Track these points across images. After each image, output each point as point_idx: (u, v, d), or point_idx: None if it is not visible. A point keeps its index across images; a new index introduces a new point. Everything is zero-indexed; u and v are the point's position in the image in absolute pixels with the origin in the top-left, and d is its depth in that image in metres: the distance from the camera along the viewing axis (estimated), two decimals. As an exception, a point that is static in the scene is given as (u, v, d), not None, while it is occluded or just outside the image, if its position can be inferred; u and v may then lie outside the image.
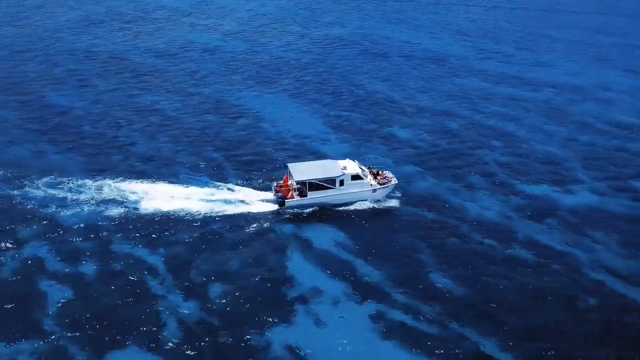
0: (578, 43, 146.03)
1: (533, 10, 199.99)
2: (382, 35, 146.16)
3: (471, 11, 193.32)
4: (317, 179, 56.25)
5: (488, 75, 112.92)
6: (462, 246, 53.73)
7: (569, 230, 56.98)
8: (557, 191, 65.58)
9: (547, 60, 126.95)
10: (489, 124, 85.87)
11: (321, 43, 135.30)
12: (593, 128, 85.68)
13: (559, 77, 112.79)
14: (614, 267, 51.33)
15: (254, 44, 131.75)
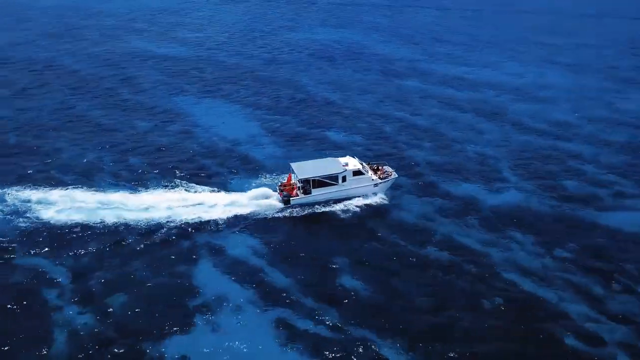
0: (526, 43, 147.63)
1: (484, 12, 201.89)
2: (331, 39, 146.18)
3: (423, 14, 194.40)
4: (320, 176, 57.43)
5: (432, 77, 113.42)
6: (378, 248, 52.95)
7: (489, 230, 56.63)
8: (482, 191, 65.28)
9: (493, 61, 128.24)
10: (425, 126, 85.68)
11: (268, 48, 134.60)
12: (528, 127, 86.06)
13: (502, 78, 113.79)
14: (527, 266, 50.92)
15: (199, 50, 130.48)
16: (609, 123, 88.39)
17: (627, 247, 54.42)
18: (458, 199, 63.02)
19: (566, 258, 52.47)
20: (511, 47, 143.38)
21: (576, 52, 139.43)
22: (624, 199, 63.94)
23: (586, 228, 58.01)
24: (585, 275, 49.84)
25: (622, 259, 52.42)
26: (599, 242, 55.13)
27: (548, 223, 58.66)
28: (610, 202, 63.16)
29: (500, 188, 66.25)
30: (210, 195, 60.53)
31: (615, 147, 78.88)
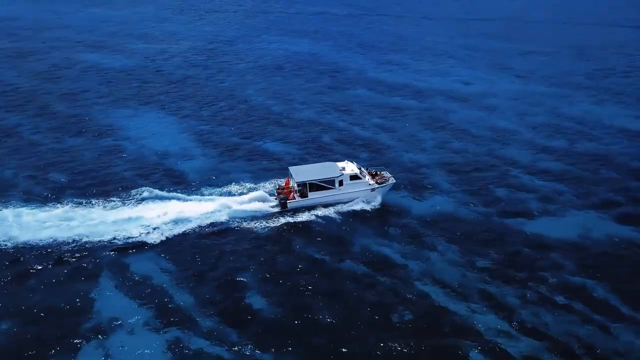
0: (478, 50, 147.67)
1: (437, 20, 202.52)
2: (284, 49, 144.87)
3: (380, 23, 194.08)
4: (316, 180, 57.75)
5: (380, 85, 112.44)
6: (291, 262, 50.88)
7: (411, 240, 55.17)
8: (410, 199, 63.93)
9: (444, 68, 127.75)
10: (364, 135, 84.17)
11: (217, 58, 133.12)
12: (468, 134, 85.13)
13: (451, 85, 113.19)
14: (443, 277, 49.43)
15: (146, 62, 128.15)
16: (550, 129, 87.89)
17: (549, 255, 53.25)
18: (384, 207, 61.00)
19: (486, 268, 50.99)
20: (464, 55, 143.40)
21: (527, 58, 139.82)
22: (553, 205, 63.06)
23: (512, 236, 56.70)
24: (502, 285, 48.39)
25: (542, 267, 51.28)
26: (521, 251, 53.96)
27: (474, 232, 57.28)
28: (540, 210, 62.14)
29: (429, 196, 64.82)
30: (125, 210, 58.13)
31: (553, 153, 78.17)
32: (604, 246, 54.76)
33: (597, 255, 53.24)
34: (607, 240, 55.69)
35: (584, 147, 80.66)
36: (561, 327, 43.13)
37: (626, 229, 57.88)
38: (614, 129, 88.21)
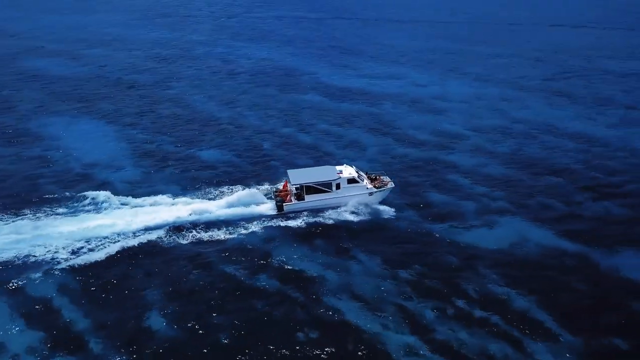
0: (437, 53, 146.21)
1: (404, 23, 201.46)
2: (239, 54, 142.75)
3: (344, 26, 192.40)
4: (313, 183, 57.30)
5: (333, 90, 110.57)
6: (201, 278, 48.09)
7: (336, 252, 52.88)
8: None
9: (399, 72, 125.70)
10: (307, 142, 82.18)
11: (169, 64, 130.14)
12: (414, 140, 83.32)
13: (405, 89, 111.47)
14: (361, 291, 47.05)
15: (93, 68, 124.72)
16: (497, 133, 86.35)
17: (477, 265, 51.11)
18: (312, 218, 58.50)
19: (408, 280, 48.61)
20: (422, 58, 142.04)
21: (487, 61, 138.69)
22: (489, 213, 60.82)
23: (441, 246, 54.49)
24: (421, 299, 46.06)
25: (467, 278, 49.13)
26: (449, 261, 51.75)
27: (402, 241, 55.05)
28: (474, 217, 60.04)
29: (362, 205, 61.98)
30: (47, 222, 55.48)
31: (496, 158, 76.44)
32: (535, 256, 52.83)
33: (526, 266, 51.22)
34: (539, 251, 53.73)
35: (529, 151, 79.02)
36: (476, 345, 40.68)
37: (559, 239, 55.93)
38: (562, 132, 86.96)
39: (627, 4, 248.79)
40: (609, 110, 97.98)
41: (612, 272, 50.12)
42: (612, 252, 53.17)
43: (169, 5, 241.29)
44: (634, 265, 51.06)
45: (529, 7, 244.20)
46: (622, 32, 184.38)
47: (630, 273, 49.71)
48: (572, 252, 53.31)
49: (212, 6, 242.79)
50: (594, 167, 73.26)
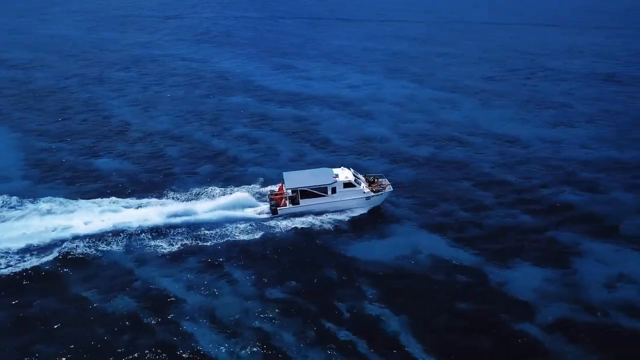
0: (382, 54, 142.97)
1: (357, 22, 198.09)
2: (174, 55, 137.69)
3: (292, 25, 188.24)
4: (308, 187, 55.94)
5: (262, 92, 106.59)
6: (49, 306, 43.50)
7: (206, 269, 49.11)
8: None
9: (337, 73, 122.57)
10: (218, 147, 78.01)
11: (96, 66, 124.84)
12: (330, 144, 79.91)
13: (338, 91, 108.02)
14: (220, 314, 43.41)
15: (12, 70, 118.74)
16: (422, 136, 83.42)
17: (357, 281, 48.03)
18: (190, 231, 54.37)
19: (277, 300, 44.67)
20: (365, 59, 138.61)
21: (432, 61, 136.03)
22: (388, 223, 57.67)
23: (327, 259, 51.04)
24: (285, 321, 42.05)
25: (344, 296, 45.80)
26: (329, 277, 48.32)
27: (281, 256, 51.23)
28: (370, 228, 56.54)
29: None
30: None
31: (412, 161, 73.55)
32: (424, 270, 49.65)
33: (412, 282, 47.98)
34: (430, 263, 50.57)
35: (447, 155, 76.11)
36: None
37: (455, 251, 52.82)
38: (488, 134, 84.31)
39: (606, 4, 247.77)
40: (544, 112, 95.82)
41: (499, 288, 47.28)
42: (505, 266, 50.34)
43: (115, 6, 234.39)
44: (522, 281, 48.14)
45: (496, 6, 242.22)
46: (586, 31, 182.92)
47: (516, 290, 46.88)
48: (465, 265, 50.37)
49: (162, 6, 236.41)
50: (512, 170, 70.76)
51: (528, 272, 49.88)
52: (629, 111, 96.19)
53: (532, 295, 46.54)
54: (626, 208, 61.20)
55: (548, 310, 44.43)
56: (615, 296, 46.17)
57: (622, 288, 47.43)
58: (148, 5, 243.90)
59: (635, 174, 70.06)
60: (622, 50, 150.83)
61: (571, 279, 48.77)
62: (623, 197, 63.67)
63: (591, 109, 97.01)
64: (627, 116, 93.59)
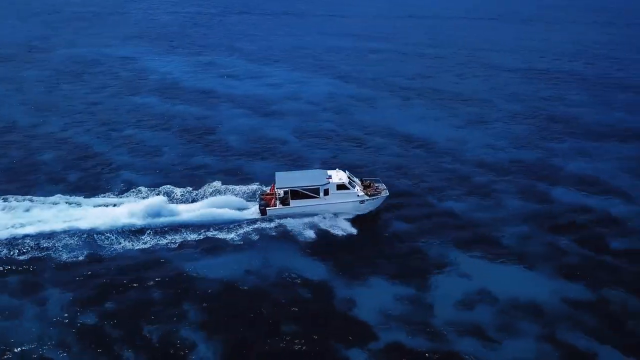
0: (316, 50, 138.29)
1: (308, 17, 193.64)
2: (98, 53, 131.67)
3: (236, 21, 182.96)
4: (299, 187, 53.33)
5: (176, 91, 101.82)
6: None
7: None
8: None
9: (265, 71, 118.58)
10: (97, 150, 72.81)
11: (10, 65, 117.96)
12: (222, 147, 74.98)
13: (259, 90, 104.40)
14: (40, 333, 37.09)
15: None
16: (324, 138, 78.79)
17: (182, 302, 42.49)
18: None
19: (85, 325, 39.30)
20: (298, 55, 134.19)
21: (364, 58, 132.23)
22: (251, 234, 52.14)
23: (162, 274, 45.50)
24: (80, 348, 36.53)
25: (152, 320, 40.20)
26: (149, 299, 42.66)
27: (147, 268, 46.45)
28: (228, 241, 51.16)
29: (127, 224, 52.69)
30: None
31: (298, 165, 67.75)
32: (260, 288, 44.75)
33: (244, 299, 43.05)
34: (272, 280, 45.82)
35: (343, 157, 71.98)
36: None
37: (307, 263, 48.29)
38: (395, 135, 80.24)
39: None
40: (463, 110, 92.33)
41: (342, 307, 42.83)
42: (358, 281, 45.83)
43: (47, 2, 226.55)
44: (370, 299, 43.64)
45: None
46: (535, 24, 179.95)
47: (360, 310, 42.40)
48: (312, 280, 45.83)
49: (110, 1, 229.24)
50: (403, 174, 66.66)
51: (380, 289, 45.35)
52: (549, 108, 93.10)
53: (375, 316, 41.95)
54: (510, 214, 57.16)
55: (383, 335, 39.82)
56: (464, 318, 41.79)
57: (476, 308, 42.97)
58: (92, 2, 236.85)
59: (533, 177, 66.36)
60: (569, 44, 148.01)
61: (424, 297, 44.30)
62: (511, 204, 59.69)
63: (514, 107, 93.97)
64: (547, 114, 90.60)
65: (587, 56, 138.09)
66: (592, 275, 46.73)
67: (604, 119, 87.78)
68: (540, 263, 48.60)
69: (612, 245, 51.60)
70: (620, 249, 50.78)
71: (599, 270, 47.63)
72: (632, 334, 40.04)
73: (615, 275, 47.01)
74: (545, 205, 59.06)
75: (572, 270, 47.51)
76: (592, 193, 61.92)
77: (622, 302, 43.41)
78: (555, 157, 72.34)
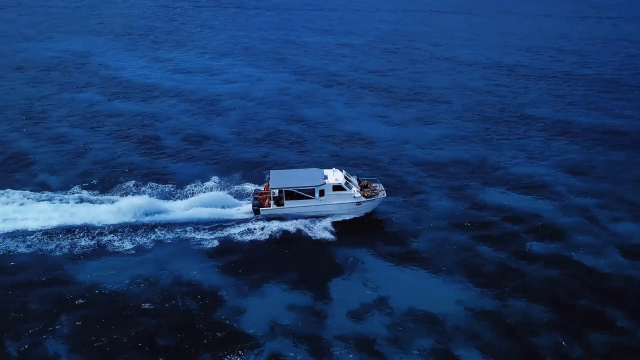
0: (278, 44, 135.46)
1: (280, 11, 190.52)
2: (52, 48, 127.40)
3: (207, 12, 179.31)
4: (293, 187, 51.54)
5: (118, 87, 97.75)
6: None
7: None
8: None
9: (222, 66, 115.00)
10: (19, 146, 68.89)
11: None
12: (151, 144, 72.11)
13: (208, 86, 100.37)
14: None
15: None
16: (255, 137, 75.60)
17: (60, 315, 39.45)
18: None
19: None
20: (260, 49, 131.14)
21: (323, 52, 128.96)
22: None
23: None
24: None
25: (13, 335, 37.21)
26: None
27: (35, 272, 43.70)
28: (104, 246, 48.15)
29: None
30: None
31: (222, 165, 65.10)
32: (146, 294, 42.17)
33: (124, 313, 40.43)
34: (163, 289, 43.19)
35: (273, 156, 69.60)
36: None
37: (203, 268, 45.79)
38: (337, 133, 77.49)
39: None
40: (412, 107, 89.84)
41: (232, 317, 40.34)
42: (257, 288, 43.34)
43: None
44: (263, 309, 41.33)
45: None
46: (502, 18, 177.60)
47: (249, 321, 39.94)
48: (205, 287, 43.53)
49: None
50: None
51: (277, 297, 42.60)
52: (504, 105, 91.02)
53: (263, 327, 39.29)
54: (432, 216, 55.03)
55: (267, 346, 37.05)
56: (355, 330, 39.40)
57: (370, 319, 40.52)
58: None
59: (466, 177, 63.89)
60: (540, 40, 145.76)
61: (319, 306, 41.72)
62: (436, 205, 57.50)
63: (467, 103, 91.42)
64: (500, 111, 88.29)
65: (554, 51, 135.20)
66: (501, 284, 44.56)
67: (559, 117, 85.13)
68: (452, 270, 46.34)
69: (530, 250, 49.41)
70: (538, 255, 48.67)
71: (510, 279, 45.39)
72: (528, 348, 37.45)
73: (525, 283, 44.75)
74: (472, 207, 56.82)
75: (482, 278, 45.29)
76: (524, 195, 59.70)
77: (525, 313, 41.02)
78: (495, 156, 69.89)
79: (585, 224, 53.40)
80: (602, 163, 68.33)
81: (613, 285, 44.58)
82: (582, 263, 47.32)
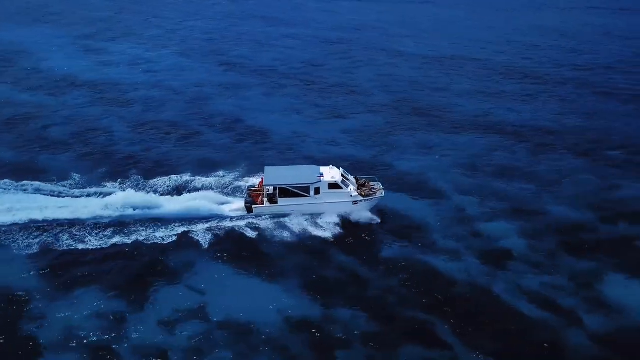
0: (214, 34, 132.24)
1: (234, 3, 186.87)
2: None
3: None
4: (287, 185, 49.75)
5: (34, 76, 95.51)
6: None
7: None
8: None
9: (150, 57, 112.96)
10: None
11: None
12: (40, 136, 69.59)
13: (130, 76, 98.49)
14: None
15: None
16: (157, 131, 72.79)
17: None
18: None
19: None
20: (195, 39, 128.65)
21: (263, 43, 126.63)
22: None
23: None
24: None
25: None
26: None
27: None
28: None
29: None
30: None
31: (96, 158, 62.62)
32: None
33: None
34: None
35: (154, 153, 65.43)
36: None
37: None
38: (237, 127, 74.82)
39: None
40: (331, 101, 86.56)
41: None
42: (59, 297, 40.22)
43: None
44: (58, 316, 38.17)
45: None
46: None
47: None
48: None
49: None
50: (217, 167, 60.73)
51: (88, 303, 39.88)
52: (426, 99, 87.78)
53: (58, 335, 36.67)
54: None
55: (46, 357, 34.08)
56: (159, 341, 36.74)
57: (180, 328, 37.92)
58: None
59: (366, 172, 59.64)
60: (486, 30, 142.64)
61: (129, 313, 39.30)
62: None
63: (387, 98, 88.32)
64: (418, 105, 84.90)
65: (500, 43, 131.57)
66: (338, 292, 41.32)
67: (477, 111, 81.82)
68: (289, 276, 43.28)
69: (383, 254, 46.35)
70: (386, 259, 45.38)
71: (351, 285, 42.13)
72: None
73: (363, 291, 41.69)
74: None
75: (321, 285, 42.18)
76: (410, 195, 56.27)
77: (346, 324, 38.17)
78: (393, 153, 66.69)
79: (451, 225, 50.40)
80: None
81: (454, 292, 41.44)
82: (432, 268, 44.20)
